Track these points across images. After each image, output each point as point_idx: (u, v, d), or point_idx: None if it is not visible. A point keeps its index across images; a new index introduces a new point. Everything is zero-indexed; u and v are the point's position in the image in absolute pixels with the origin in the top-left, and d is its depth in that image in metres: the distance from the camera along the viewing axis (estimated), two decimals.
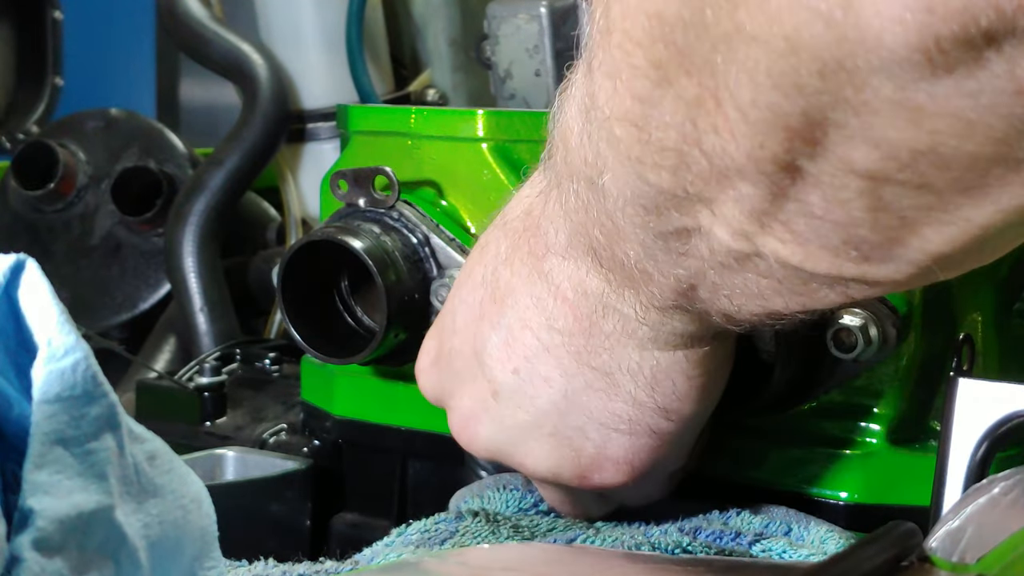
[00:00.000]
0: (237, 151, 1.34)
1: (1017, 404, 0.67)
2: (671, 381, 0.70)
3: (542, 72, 1.08)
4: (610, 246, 0.63)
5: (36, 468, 0.45)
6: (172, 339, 1.39)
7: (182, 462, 0.52)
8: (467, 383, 0.74)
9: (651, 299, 0.64)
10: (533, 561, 0.68)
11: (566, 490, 0.77)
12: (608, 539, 0.75)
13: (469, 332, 0.73)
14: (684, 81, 0.52)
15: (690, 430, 0.73)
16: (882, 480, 0.79)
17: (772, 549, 0.72)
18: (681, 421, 0.72)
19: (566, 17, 1.07)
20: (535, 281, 0.70)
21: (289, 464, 1.01)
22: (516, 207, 0.73)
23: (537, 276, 0.70)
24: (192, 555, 0.51)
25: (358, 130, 0.96)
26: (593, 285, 0.67)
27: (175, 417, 1.14)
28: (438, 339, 0.76)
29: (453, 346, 0.75)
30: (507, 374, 0.72)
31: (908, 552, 0.55)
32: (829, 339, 0.76)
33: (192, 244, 1.33)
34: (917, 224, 0.52)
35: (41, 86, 1.84)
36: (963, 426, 0.68)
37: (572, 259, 0.68)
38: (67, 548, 0.44)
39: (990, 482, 0.59)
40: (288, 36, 1.37)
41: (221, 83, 1.41)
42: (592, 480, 0.73)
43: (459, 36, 1.33)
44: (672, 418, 0.71)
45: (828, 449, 0.80)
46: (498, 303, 0.72)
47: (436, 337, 0.77)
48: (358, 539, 0.85)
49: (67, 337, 0.46)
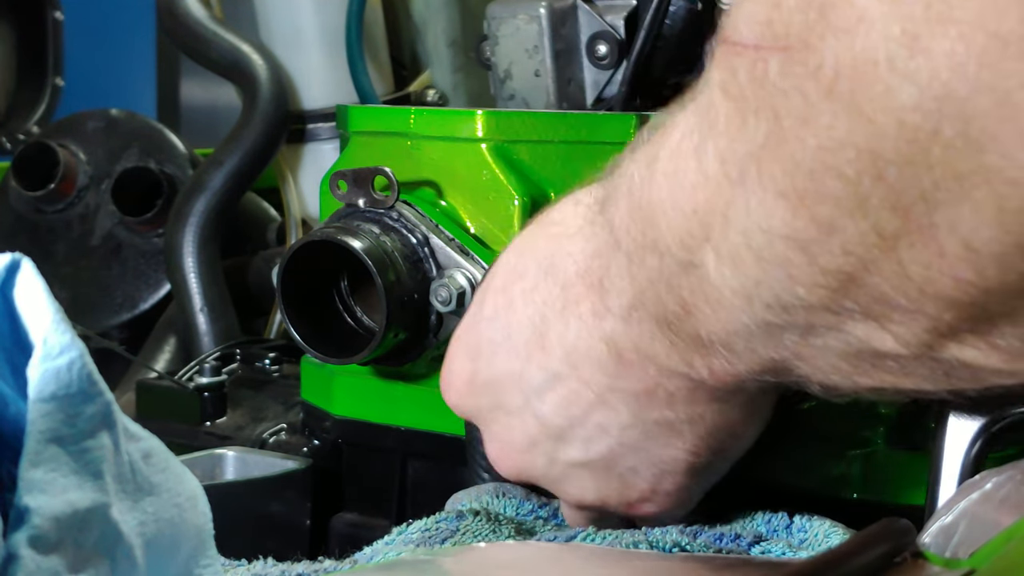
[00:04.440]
0: (237, 151, 1.34)
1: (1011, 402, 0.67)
2: (731, 426, 0.69)
3: (542, 72, 1.08)
4: (689, 321, 0.60)
5: (32, 466, 0.45)
6: (172, 339, 1.39)
7: (178, 460, 0.52)
8: (513, 416, 0.74)
9: (723, 370, 0.62)
10: (532, 560, 0.68)
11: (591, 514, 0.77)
12: (607, 538, 0.75)
13: (514, 371, 0.72)
14: (886, 215, 0.49)
15: (735, 459, 0.74)
16: (882, 479, 0.79)
17: (771, 551, 0.72)
18: (732, 457, 0.72)
19: (566, 17, 1.07)
20: (592, 339, 0.68)
21: (289, 464, 1.01)
22: (563, 257, 0.69)
23: (595, 335, 0.68)
24: (188, 553, 0.51)
25: (358, 130, 0.96)
26: (658, 350, 0.65)
27: (175, 417, 1.15)
28: (473, 363, 0.75)
29: (495, 376, 0.74)
30: (560, 419, 0.71)
31: (902, 548, 0.55)
32: None
33: (192, 244, 1.33)
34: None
35: (41, 86, 1.84)
36: (957, 424, 0.68)
37: (636, 323, 0.65)
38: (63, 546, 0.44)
39: (983, 478, 0.59)
40: (288, 36, 1.37)
41: (221, 83, 1.41)
42: (640, 510, 0.74)
43: (459, 37, 1.33)
44: (724, 456, 0.72)
45: (829, 448, 0.80)
46: (547, 352, 0.70)
47: (470, 359, 0.75)
48: (358, 539, 0.85)
49: (62, 336, 0.46)
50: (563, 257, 0.70)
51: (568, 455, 0.73)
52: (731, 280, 0.56)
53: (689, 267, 0.58)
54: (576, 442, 0.72)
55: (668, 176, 0.58)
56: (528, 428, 0.73)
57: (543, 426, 0.72)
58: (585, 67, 1.08)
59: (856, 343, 0.55)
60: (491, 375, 0.74)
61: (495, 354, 0.73)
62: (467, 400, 0.76)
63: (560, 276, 0.70)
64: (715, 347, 0.60)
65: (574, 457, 0.72)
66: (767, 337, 0.57)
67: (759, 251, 0.54)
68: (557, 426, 0.72)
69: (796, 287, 0.53)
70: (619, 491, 0.73)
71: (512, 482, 0.80)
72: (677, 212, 0.58)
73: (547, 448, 0.73)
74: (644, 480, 0.72)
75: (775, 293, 0.54)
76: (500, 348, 0.73)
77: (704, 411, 0.68)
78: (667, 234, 0.59)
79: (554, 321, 0.70)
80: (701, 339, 0.61)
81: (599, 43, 1.06)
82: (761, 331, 0.57)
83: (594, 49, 1.07)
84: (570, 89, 1.08)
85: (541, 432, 0.73)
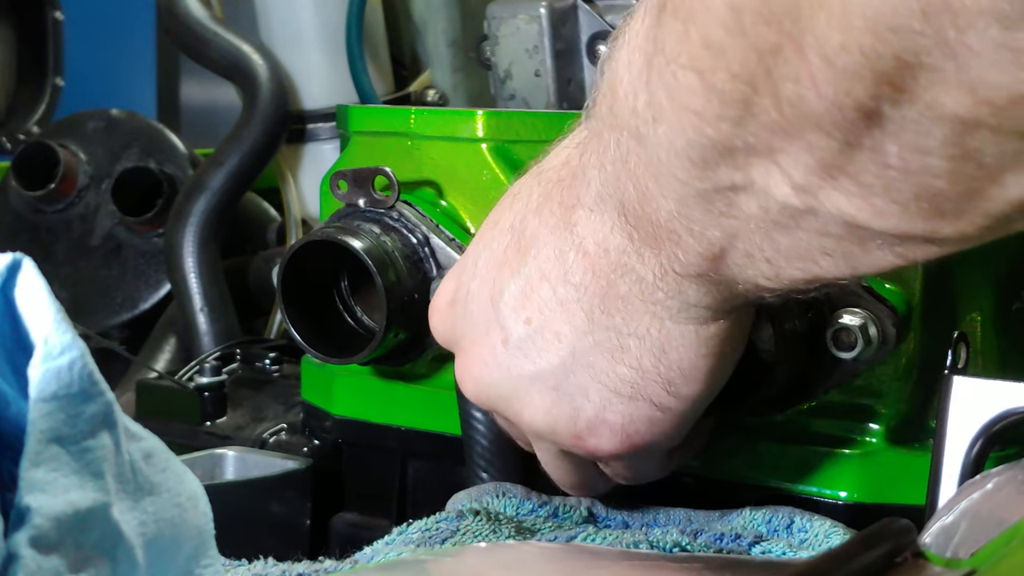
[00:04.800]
0: (237, 151, 1.34)
1: (1012, 402, 0.67)
2: (679, 354, 0.69)
3: (542, 72, 1.08)
4: (642, 202, 0.62)
5: (33, 466, 0.45)
6: (172, 339, 1.39)
7: (178, 460, 0.52)
8: (479, 328, 0.74)
9: (672, 262, 0.64)
10: (532, 560, 0.68)
11: (567, 458, 0.76)
12: (607, 539, 0.75)
13: (488, 277, 0.73)
14: (762, 29, 0.51)
15: (692, 410, 0.72)
16: (882, 480, 0.79)
17: (772, 551, 0.72)
18: (684, 399, 0.71)
19: (566, 17, 1.07)
20: (560, 233, 0.69)
21: (289, 464, 1.01)
22: (554, 157, 0.72)
23: (563, 227, 0.69)
24: (188, 553, 0.51)
25: (358, 130, 0.96)
26: (615, 242, 0.67)
27: (175, 417, 1.15)
28: (457, 280, 0.76)
29: (471, 289, 0.74)
30: (519, 324, 0.72)
31: (902, 548, 0.55)
32: (829, 339, 0.76)
33: (192, 244, 1.33)
34: (1001, 172, 0.50)
35: (42, 86, 1.84)
36: (958, 424, 0.68)
37: (599, 212, 0.67)
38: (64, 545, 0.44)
39: (984, 477, 0.59)
40: (288, 36, 1.37)
41: (221, 83, 1.41)
42: (586, 443, 0.73)
43: (459, 37, 1.33)
44: (675, 393, 0.70)
45: (828, 449, 0.80)
46: (521, 252, 0.71)
47: (455, 278, 0.77)
48: (358, 539, 0.85)
49: (63, 335, 0.46)
50: (550, 157, 0.72)
51: (522, 367, 0.72)
52: (661, 137, 0.58)
53: (638, 136, 0.60)
54: (532, 351, 0.72)
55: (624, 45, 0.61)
56: (490, 338, 0.73)
57: (503, 332, 0.72)
58: (585, 67, 1.08)
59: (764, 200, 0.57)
60: (469, 289, 0.74)
61: (476, 268, 0.74)
62: (446, 320, 0.77)
63: (543, 175, 0.72)
64: (662, 235, 0.63)
65: (527, 369, 0.72)
66: (703, 213, 0.60)
67: (670, 91, 0.57)
68: (515, 331, 0.72)
69: (704, 126, 0.56)
70: (568, 415, 0.72)
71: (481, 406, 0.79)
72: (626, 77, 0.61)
73: (504, 361, 0.73)
74: (591, 403, 0.71)
75: (688, 139, 0.57)
76: (481, 261, 0.74)
77: (651, 327, 0.68)
78: (622, 106, 0.61)
79: (531, 219, 0.71)
80: (652, 225, 0.63)
81: (599, 43, 1.06)
82: (694, 202, 0.59)
83: (594, 49, 1.07)
84: (570, 89, 1.08)
85: (501, 342, 0.73)
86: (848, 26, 0.49)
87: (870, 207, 0.54)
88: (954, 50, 0.47)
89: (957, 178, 0.51)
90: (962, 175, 0.51)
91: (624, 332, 0.69)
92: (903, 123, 0.50)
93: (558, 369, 0.71)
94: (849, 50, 0.49)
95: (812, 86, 0.51)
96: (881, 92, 0.50)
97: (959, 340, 0.72)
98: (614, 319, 0.69)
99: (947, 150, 0.50)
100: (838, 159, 0.53)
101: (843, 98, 0.51)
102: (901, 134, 0.51)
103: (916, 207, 0.53)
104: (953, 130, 0.50)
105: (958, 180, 0.51)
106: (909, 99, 0.50)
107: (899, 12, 0.47)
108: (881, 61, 0.49)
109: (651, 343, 0.69)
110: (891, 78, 0.49)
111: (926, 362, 0.79)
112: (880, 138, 0.51)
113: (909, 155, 0.51)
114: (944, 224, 0.53)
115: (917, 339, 0.79)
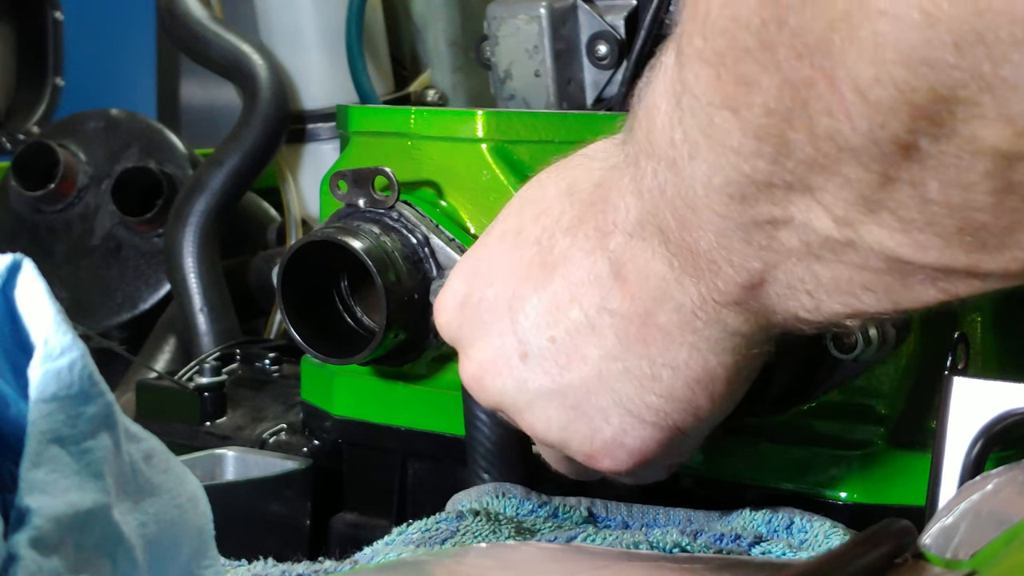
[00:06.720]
0: (237, 151, 1.34)
1: (1012, 402, 0.67)
2: (715, 387, 0.68)
3: (542, 72, 1.08)
4: (681, 231, 0.62)
5: (33, 467, 0.45)
6: (172, 339, 1.39)
7: (178, 461, 0.52)
8: (493, 336, 0.73)
9: (712, 291, 0.63)
10: (532, 560, 0.68)
11: (571, 460, 0.76)
12: (607, 539, 0.75)
13: (507, 287, 0.72)
14: (795, 63, 0.51)
15: (709, 428, 0.72)
16: (882, 480, 0.79)
17: (772, 551, 0.72)
18: (707, 421, 0.71)
19: (566, 17, 1.07)
20: (595, 256, 0.69)
21: (289, 464, 1.01)
22: (584, 176, 0.71)
23: (599, 252, 0.68)
24: (189, 554, 0.51)
25: (358, 130, 0.96)
26: (656, 268, 0.66)
27: (175, 417, 1.15)
28: (468, 283, 0.75)
29: (485, 296, 0.73)
30: (542, 340, 0.71)
31: (902, 549, 0.55)
32: (829, 339, 0.76)
33: (192, 244, 1.33)
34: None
35: (41, 86, 1.84)
36: (958, 424, 0.68)
37: (639, 239, 0.66)
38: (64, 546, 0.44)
39: (984, 478, 0.59)
40: (288, 36, 1.38)
41: (221, 83, 1.41)
42: (599, 462, 0.72)
43: (459, 37, 1.33)
44: (700, 417, 0.70)
45: (828, 449, 0.80)
46: (547, 269, 0.71)
47: (466, 280, 0.75)
48: (358, 539, 0.85)
49: (64, 336, 0.46)
50: (585, 175, 0.71)
51: (540, 382, 0.72)
52: (697, 171, 0.58)
53: (675, 168, 0.60)
54: (552, 368, 0.71)
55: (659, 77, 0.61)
56: (506, 348, 0.73)
57: (522, 346, 0.72)
58: (585, 67, 1.08)
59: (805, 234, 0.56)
60: (484, 296, 0.74)
61: (493, 275, 0.73)
62: (454, 322, 0.76)
63: (576, 196, 0.71)
64: (702, 264, 0.62)
65: (545, 385, 0.71)
66: (743, 244, 0.59)
67: (705, 128, 0.56)
68: (537, 346, 0.71)
69: (741, 163, 0.55)
70: (584, 434, 0.72)
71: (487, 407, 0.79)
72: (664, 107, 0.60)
73: (521, 373, 0.72)
74: (611, 427, 0.71)
75: (726, 176, 0.57)
76: (499, 269, 0.73)
77: (689, 359, 0.67)
78: (659, 136, 0.61)
79: (560, 238, 0.70)
80: (692, 254, 0.62)
81: (599, 43, 1.06)
82: (734, 234, 0.59)
83: (594, 49, 1.07)
84: (570, 89, 1.08)
85: (519, 352, 0.72)
86: (881, 59, 0.48)
87: (912, 241, 0.53)
88: (990, 83, 0.47)
89: (1001, 212, 0.51)
90: (1006, 208, 0.50)
91: (659, 362, 0.68)
92: (942, 157, 0.50)
93: (579, 390, 0.71)
94: (883, 83, 0.48)
95: (847, 120, 0.50)
96: (917, 126, 0.49)
97: (959, 341, 0.72)
98: (649, 348, 0.68)
99: (990, 184, 0.50)
100: (877, 193, 0.52)
101: (879, 132, 0.50)
102: (941, 168, 0.50)
103: (959, 241, 0.52)
104: (995, 163, 0.49)
105: (1002, 214, 0.51)
106: (947, 133, 0.49)
107: (932, 45, 0.47)
108: (916, 95, 0.48)
109: (688, 375, 0.68)
110: (927, 112, 0.48)
111: (926, 363, 0.79)
112: (919, 172, 0.51)
113: (951, 189, 0.50)
114: (987, 258, 0.53)
115: (917, 340, 0.79)
